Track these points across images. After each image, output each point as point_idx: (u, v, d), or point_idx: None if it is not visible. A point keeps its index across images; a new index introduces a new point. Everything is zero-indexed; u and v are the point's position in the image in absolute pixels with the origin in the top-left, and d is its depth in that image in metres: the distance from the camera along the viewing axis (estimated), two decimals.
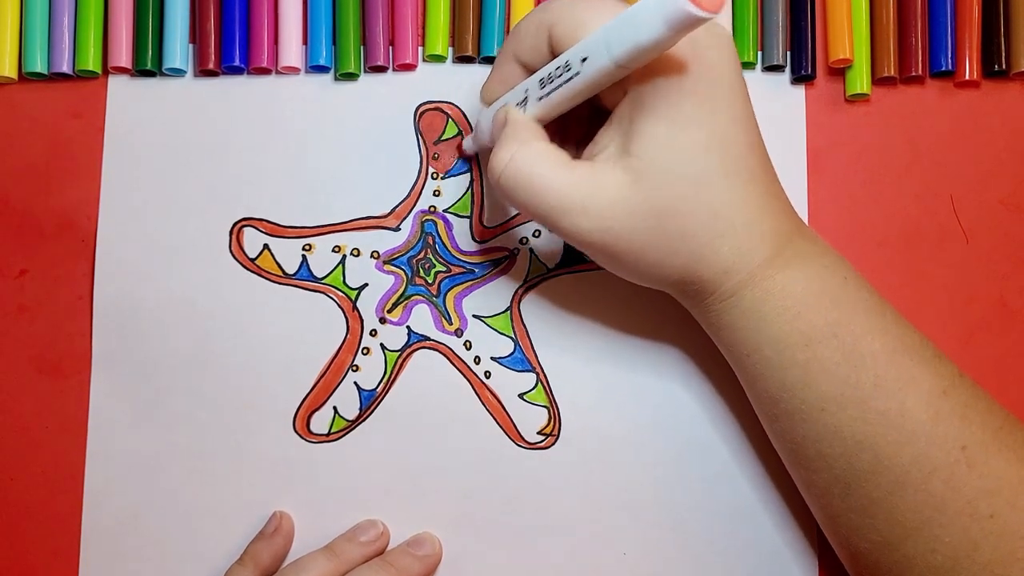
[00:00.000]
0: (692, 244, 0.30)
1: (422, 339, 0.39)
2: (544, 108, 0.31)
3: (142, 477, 0.38)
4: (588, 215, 0.30)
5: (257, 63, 0.39)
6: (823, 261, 0.31)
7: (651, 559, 0.38)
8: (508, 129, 0.31)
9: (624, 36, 0.27)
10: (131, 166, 0.39)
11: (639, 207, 0.29)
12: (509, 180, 0.30)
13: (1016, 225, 0.39)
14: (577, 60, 0.29)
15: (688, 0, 0.24)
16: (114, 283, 0.39)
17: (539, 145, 0.31)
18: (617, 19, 0.27)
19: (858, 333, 0.30)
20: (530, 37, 0.31)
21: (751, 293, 0.31)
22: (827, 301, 0.31)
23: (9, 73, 0.39)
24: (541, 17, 0.31)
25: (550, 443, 0.38)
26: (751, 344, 0.31)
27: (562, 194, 0.30)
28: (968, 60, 0.39)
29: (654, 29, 0.26)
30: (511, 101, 0.33)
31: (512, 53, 0.33)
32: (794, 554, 0.38)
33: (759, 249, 0.30)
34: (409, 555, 0.37)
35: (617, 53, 0.27)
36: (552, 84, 0.30)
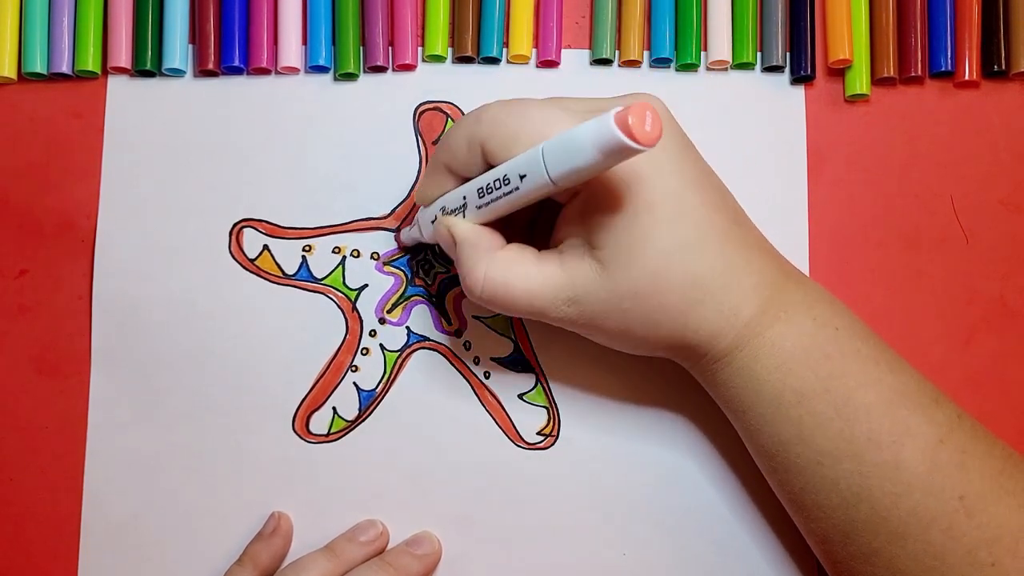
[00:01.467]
0: (674, 315, 0.30)
1: (422, 339, 0.39)
2: (485, 215, 0.31)
3: (142, 477, 0.38)
4: (571, 304, 0.31)
5: (257, 63, 0.39)
6: (812, 312, 0.31)
7: (651, 559, 0.38)
8: (464, 246, 0.32)
9: (561, 160, 0.27)
10: (131, 166, 0.39)
11: (615, 292, 0.30)
12: (490, 295, 0.31)
13: (1016, 225, 0.39)
14: (515, 175, 0.29)
15: (623, 133, 0.25)
16: (114, 283, 0.39)
17: (504, 253, 0.31)
18: (554, 142, 0.27)
19: (851, 386, 0.30)
20: (462, 152, 0.31)
21: (741, 354, 0.31)
22: (818, 355, 0.31)
23: (9, 73, 0.39)
24: (472, 131, 0.31)
25: (549, 443, 0.38)
26: (746, 402, 0.32)
27: (542, 293, 0.31)
28: (968, 60, 0.39)
29: (589, 157, 0.26)
30: (448, 206, 0.33)
31: (444, 164, 0.32)
32: (793, 554, 0.38)
33: (743, 309, 0.31)
34: (408, 554, 0.37)
35: (555, 175, 0.27)
36: (491, 195, 0.30)
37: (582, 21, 0.40)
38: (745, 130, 0.39)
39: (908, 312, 0.39)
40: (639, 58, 0.39)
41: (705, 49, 0.40)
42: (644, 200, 0.29)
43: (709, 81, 0.40)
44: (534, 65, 0.40)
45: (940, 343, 0.39)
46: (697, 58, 0.39)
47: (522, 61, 0.40)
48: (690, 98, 0.39)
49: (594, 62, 0.40)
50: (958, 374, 0.38)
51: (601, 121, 0.25)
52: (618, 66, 0.40)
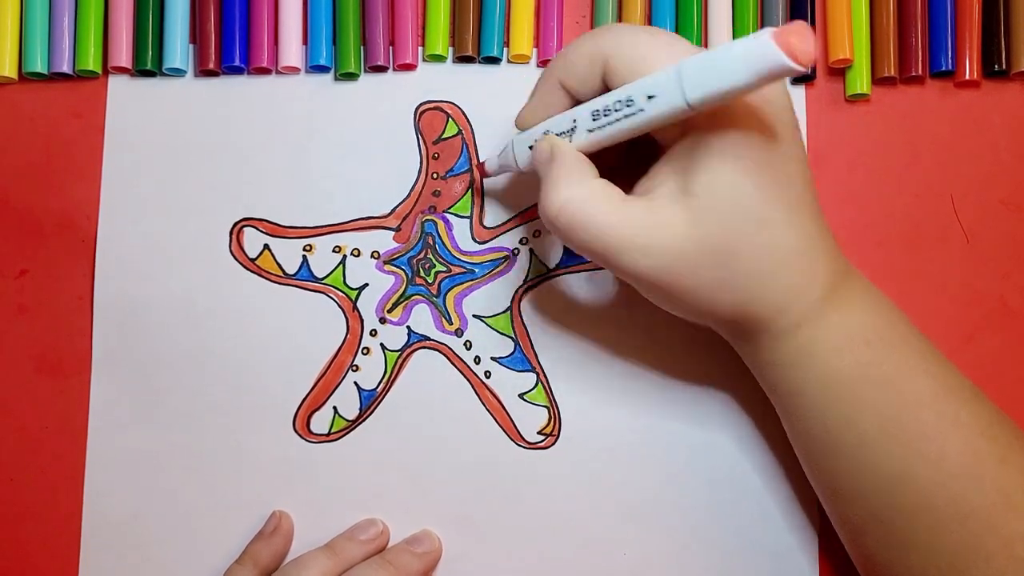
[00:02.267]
0: (750, 282, 0.30)
1: (422, 339, 0.39)
2: (593, 141, 0.30)
3: (142, 477, 0.38)
4: (647, 254, 0.29)
5: (257, 63, 0.39)
6: (871, 302, 0.31)
7: (651, 559, 0.38)
8: (557, 166, 0.30)
9: (704, 80, 0.26)
10: (131, 166, 0.39)
11: (699, 246, 0.29)
12: (565, 222, 0.29)
13: (1016, 225, 0.39)
14: (642, 97, 0.27)
15: (781, 51, 0.24)
16: (114, 283, 0.39)
17: (593, 184, 0.30)
18: (696, 60, 0.26)
19: (904, 374, 0.30)
20: (582, 66, 0.30)
21: (804, 332, 0.30)
22: (877, 340, 0.30)
23: (9, 73, 0.39)
24: (596, 45, 0.30)
25: (550, 443, 0.38)
26: (797, 382, 0.31)
27: (621, 234, 0.29)
28: (968, 60, 0.39)
29: (740, 76, 0.25)
30: (554, 130, 0.31)
31: (558, 79, 0.31)
32: (795, 554, 0.38)
33: (813, 288, 0.30)
34: (408, 552, 0.37)
35: (694, 96, 0.26)
36: (607, 118, 0.29)
37: (582, 21, 0.40)
38: None
39: (908, 312, 0.38)
40: None
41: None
42: (757, 160, 0.28)
43: None
44: (535, 65, 0.40)
45: (940, 343, 0.38)
46: None
47: (523, 61, 0.40)
48: None
49: None
50: None
51: (759, 38, 0.24)
52: None
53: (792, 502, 0.38)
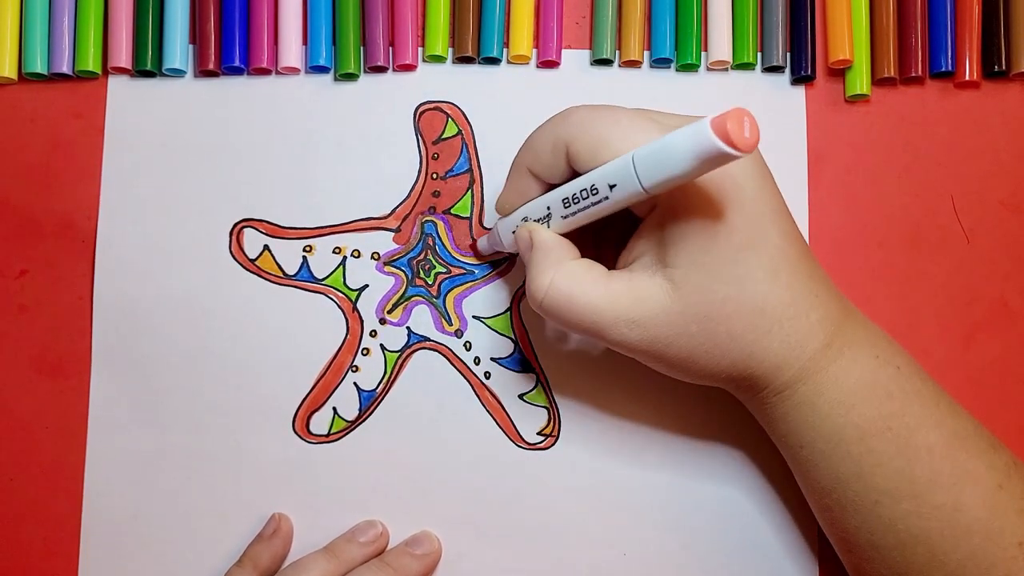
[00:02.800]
0: (740, 344, 0.30)
1: (422, 340, 0.39)
2: (568, 226, 0.31)
3: (142, 477, 0.38)
4: (634, 327, 0.30)
5: (257, 63, 0.39)
6: (875, 350, 0.31)
7: (651, 559, 0.38)
8: (538, 252, 0.31)
9: (655, 168, 0.26)
10: (131, 166, 0.39)
11: (683, 315, 0.29)
12: (551, 305, 0.30)
13: (1017, 225, 0.39)
14: (604, 185, 0.28)
15: (719, 139, 0.24)
16: (114, 283, 0.39)
17: (574, 265, 0.31)
18: (646, 149, 0.27)
19: (912, 425, 0.30)
20: (545, 154, 0.31)
21: (804, 387, 0.30)
22: (881, 392, 0.30)
23: (9, 73, 0.39)
24: (557, 134, 0.30)
25: (550, 444, 0.38)
26: (804, 437, 0.31)
27: (605, 311, 0.30)
28: (968, 61, 0.39)
29: (686, 164, 0.25)
30: (532, 216, 0.32)
31: (527, 167, 0.32)
32: (795, 554, 0.38)
33: (809, 341, 0.30)
34: (407, 554, 0.37)
35: (648, 184, 0.27)
36: (577, 205, 0.30)
37: (582, 21, 0.40)
38: None
39: (908, 312, 0.39)
40: (639, 58, 0.39)
41: (705, 49, 0.40)
42: (725, 223, 0.28)
43: (709, 81, 0.40)
44: (534, 65, 0.40)
45: (940, 343, 0.39)
46: (697, 58, 0.39)
47: (522, 61, 0.40)
48: (690, 98, 0.39)
49: (594, 62, 0.40)
50: (958, 374, 0.38)
51: (698, 127, 0.25)
52: (618, 66, 0.40)
53: (792, 500, 0.38)
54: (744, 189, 0.29)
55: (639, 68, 0.40)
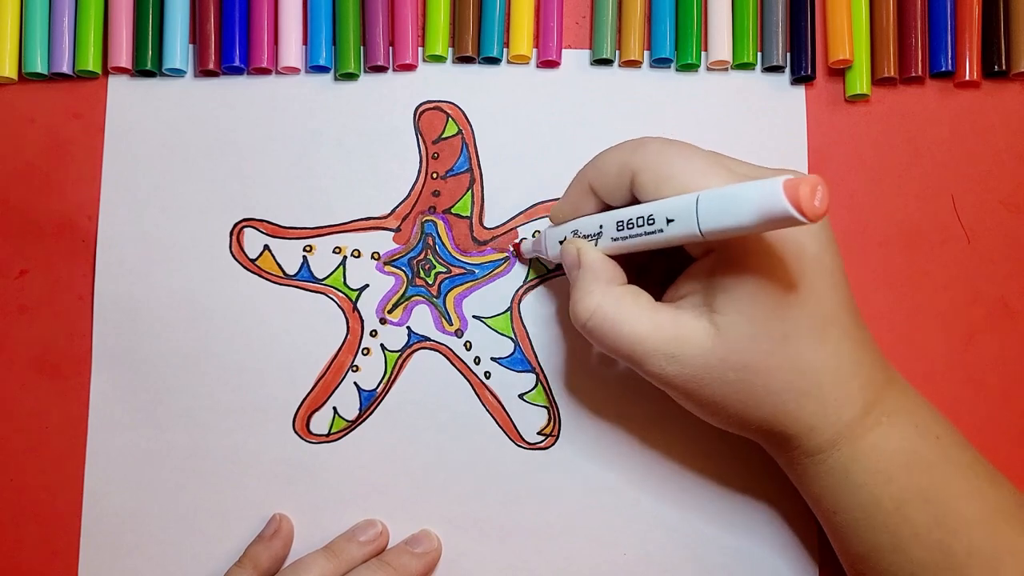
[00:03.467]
0: (776, 400, 0.29)
1: (422, 339, 0.39)
2: (616, 249, 0.31)
3: (142, 477, 0.38)
4: (671, 362, 0.29)
5: (257, 63, 0.39)
6: (915, 419, 0.31)
7: (651, 559, 0.38)
8: (585, 272, 0.31)
9: (716, 214, 0.26)
10: (131, 166, 0.39)
11: (723, 361, 0.29)
12: (595, 327, 0.30)
13: (1017, 225, 0.39)
14: (663, 218, 0.28)
15: (789, 203, 0.23)
16: (114, 283, 0.39)
17: (621, 291, 0.31)
18: (712, 194, 0.26)
19: (952, 497, 0.30)
20: (611, 176, 0.31)
21: (838, 453, 0.30)
22: (919, 463, 0.30)
23: (9, 73, 0.39)
24: (627, 160, 0.30)
25: (550, 443, 0.38)
26: (839, 503, 0.31)
27: (647, 341, 0.29)
28: (968, 60, 0.39)
29: (748, 219, 0.25)
30: (582, 231, 0.32)
31: (589, 183, 0.32)
32: (795, 554, 0.38)
33: (847, 408, 0.30)
34: (407, 553, 0.37)
35: (706, 228, 0.26)
36: (631, 231, 0.30)
37: (582, 21, 0.40)
38: (745, 130, 0.39)
39: (908, 312, 0.39)
40: (639, 58, 0.39)
41: (705, 49, 0.40)
42: (779, 278, 0.28)
43: (709, 81, 0.40)
44: (535, 65, 0.40)
45: (940, 343, 0.39)
46: (697, 58, 0.39)
47: (523, 61, 0.40)
48: (690, 98, 0.39)
49: (594, 62, 0.40)
50: (958, 374, 0.38)
51: (769, 185, 0.24)
52: (618, 66, 0.40)
53: (792, 499, 0.38)
54: (805, 247, 0.29)
55: (639, 68, 0.40)
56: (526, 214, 0.39)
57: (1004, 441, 0.38)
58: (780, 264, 0.28)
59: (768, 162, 0.39)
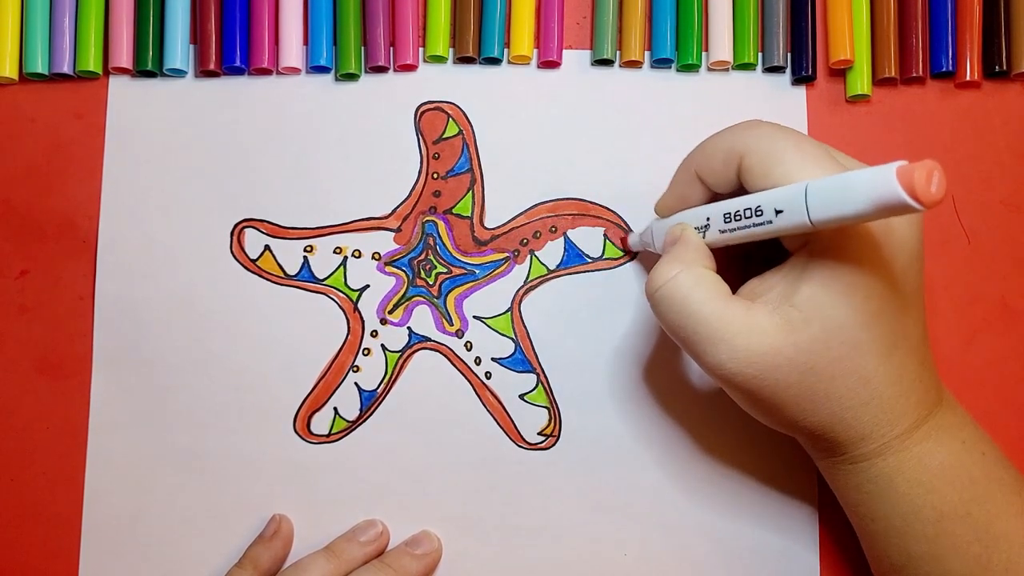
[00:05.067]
0: (835, 407, 0.29)
1: (423, 340, 0.39)
2: (723, 240, 0.30)
3: (142, 477, 0.38)
4: (733, 353, 0.29)
5: (258, 64, 0.39)
6: (961, 435, 0.31)
7: (651, 559, 0.38)
8: (678, 247, 0.30)
9: (828, 203, 0.25)
10: (132, 167, 0.39)
11: (788, 360, 0.28)
12: (664, 298, 0.30)
13: (1017, 225, 0.39)
14: (771, 209, 0.28)
15: (903, 188, 0.23)
16: (115, 283, 0.39)
17: (702, 271, 0.30)
18: (822, 182, 0.26)
19: (993, 513, 0.30)
20: (718, 161, 0.30)
21: (884, 461, 0.30)
22: (963, 477, 0.30)
23: (9, 73, 0.39)
24: (733, 143, 0.30)
25: (550, 443, 0.38)
26: (878, 510, 0.31)
27: (711, 325, 0.29)
28: (969, 61, 0.39)
29: (861, 206, 0.24)
30: (690, 223, 0.32)
31: (695, 170, 0.31)
32: (795, 554, 0.38)
33: (901, 420, 0.30)
34: (408, 555, 0.37)
35: (817, 218, 0.26)
36: (738, 222, 0.29)
37: (583, 21, 0.40)
38: None
39: None
40: (640, 59, 0.39)
41: (706, 49, 0.40)
42: (863, 285, 0.28)
43: (710, 82, 0.40)
44: (535, 66, 0.40)
45: (941, 343, 0.39)
46: (698, 58, 0.39)
47: (523, 61, 0.40)
48: (691, 99, 0.39)
49: (595, 62, 0.40)
50: (959, 374, 0.38)
51: (883, 171, 0.24)
52: (619, 66, 0.40)
53: (792, 499, 0.38)
54: (896, 260, 0.28)
55: (640, 68, 0.40)
56: (527, 214, 0.39)
57: (1004, 441, 0.38)
58: (872, 271, 0.28)
59: None
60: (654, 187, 0.39)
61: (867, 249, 0.28)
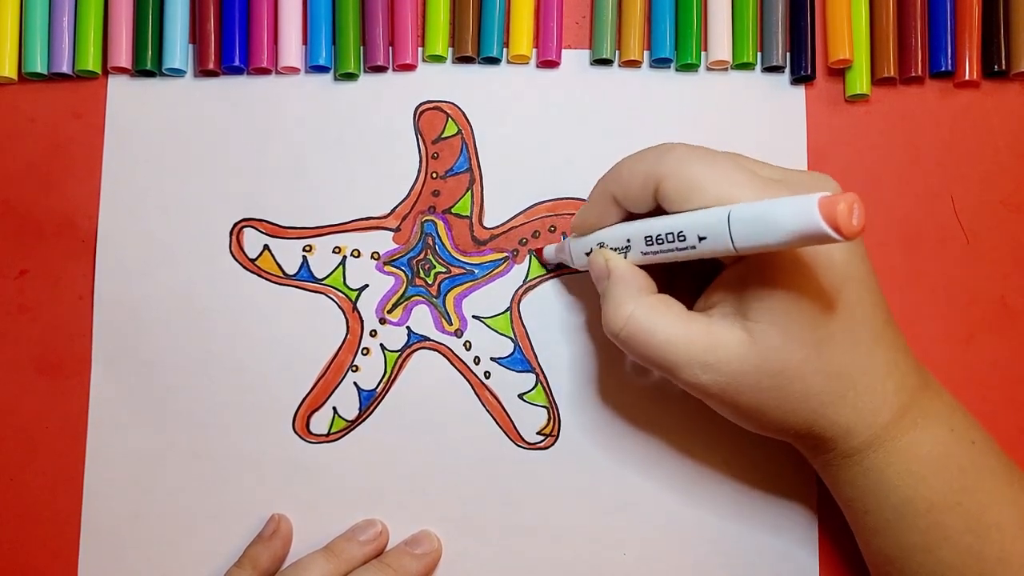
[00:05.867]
0: (812, 404, 0.29)
1: (422, 339, 0.39)
2: (645, 261, 0.30)
3: (142, 477, 0.38)
4: (707, 370, 0.29)
5: (257, 63, 0.39)
6: (950, 423, 0.31)
7: (651, 559, 0.38)
8: (615, 284, 0.31)
9: (749, 231, 0.25)
10: (131, 166, 0.39)
11: (757, 369, 0.29)
12: (629, 337, 0.30)
13: (1017, 225, 0.39)
14: (694, 235, 0.27)
15: (826, 222, 0.23)
16: (114, 283, 0.39)
17: (654, 300, 0.30)
18: (745, 210, 0.26)
19: (984, 503, 0.30)
20: (635, 186, 0.30)
21: (874, 454, 0.30)
22: (953, 467, 0.30)
23: (9, 73, 0.39)
24: (649, 169, 0.29)
25: (550, 443, 0.38)
26: (871, 503, 0.31)
27: (681, 350, 0.29)
28: (968, 60, 0.39)
29: (783, 236, 0.24)
30: (610, 244, 0.32)
31: (612, 194, 0.31)
32: (794, 555, 0.38)
33: (883, 410, 0.30)
34: (408, 554, 0.37)
35: (741, 245, 0.26)
36: (660, 246, 0.29)
37: (582, 21, 0.40)
38: (745, 130, 0.39)
39: (908, 312, 0.39)
40: (639, 58, 0.39)
41: (705, 49, 0.40)
42: (811, 285, 0.28)
43: (709, 81, 0.40)
44: (534, 65, 0.40)
45: (940, 343, 0.39)
46: (697, 58, 0.39)
47: (522, 61, 0.40)
48: (690, 98, 0.39)
49: (594, 62, 0.40)
50: (958, 374, 0.38)
51: (805, 204, 0.24)
52: (618, 66, 0.40)
53: (791, 499, 0.38)
54: (835, 254, 0.28)
55: (639, 68, 0.40)
56: (526, 214, 0.39)
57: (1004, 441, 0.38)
58: (811, 272, 0.28)
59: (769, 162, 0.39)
60: None
61: (805, 252, 0.28)
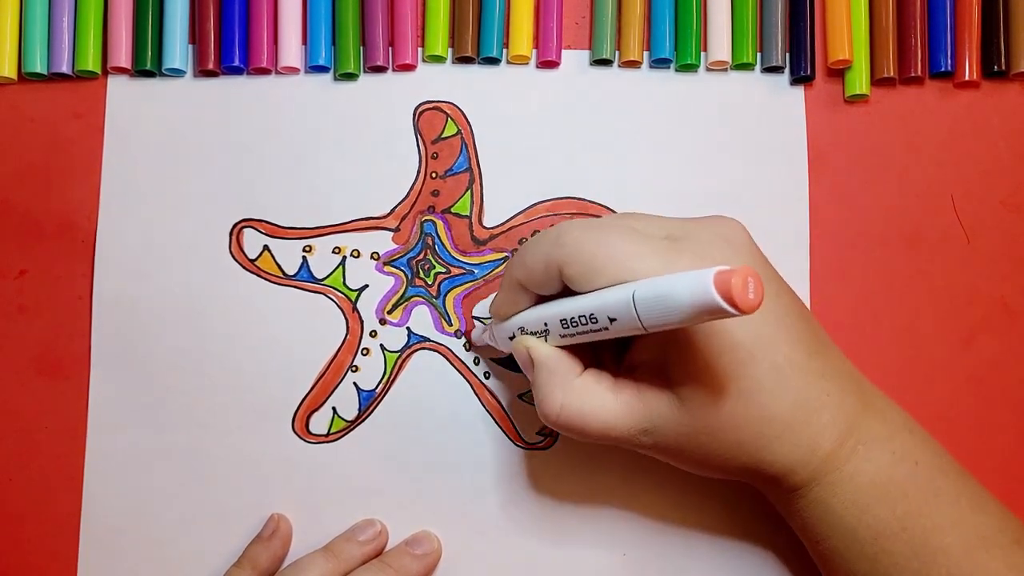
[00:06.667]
0: (749, 450, 0.30)
1: (422, 340, 0.39)
2: (563, 342, 0.31)
3: (141, 477, 0.38)
4: (646, 435, 0.30)
5: (257, 63, 0.39)
6: (891, 446, 0.31)
7: (651, 559, 0.38)
8: (543, 371, 0.31)
9: (654, 311, 0.26)
10: (131, 166, 0.39)
11: (691, 427, 0.30)
12: (565, 424, 0.31)
13: (1017, 225, 0.39)
14: (604, 317, 0.28)
15: (721, 297, 0.23)
16: (114, 283, 0.39)
17: (580, 383, 0.31)
18: (647, 291, 0.26)
19: (929, 527, 0.30)
20: (538, 272, 0.30)
21: (818, 487, 0.30)
22: (895, 492, 0.30)
23: (9, 73, 0.39)
24: (550, 254, 0.30)
25: (549, 443, 0.38)
26: (821, 533, 0.31)
27: (618, 424, 0.30)
28: (968, 61, 0.39)
29: (684, 313, 0.25)
30: (528, 327, 0.32)
31: (519, 282, 0.32)
32: (793, 554, 0.38)
33: (821, 443, 0.30)
34: (407, 554, 0.37)
35: (649, 324, 0.26)
36: (576, 328, 0.29)
37: (582, 21, 0.40)
38: (745, 131, 0.39)
39: (908, 312, 0.39)
40: (639, 58, 0.39)
41: (705, 49, 0.40)
42: (726, 341, 0.29)
43: (709, 82, 0.40)
44: (534, 65, 0.40)
45: (940, 343, 0.39)
46: (697, 59, 0.39)
47: (522, 61, 0.40)
48: (690, 99, 0.39)
49: (594, 62, 0.40)
50: (958, 374, 0.38)
51: (700, 280, 0.24)
52: (618, 66, 0.40)
53: None
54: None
55: (638, 68, 0.40)
56: (525, 214, 0.39)
57: (1004, 441, 0.38)
58: (723, 331, 0.28)
59: (768, 162, 0.39)
60: (652, 186, 0.39)
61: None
